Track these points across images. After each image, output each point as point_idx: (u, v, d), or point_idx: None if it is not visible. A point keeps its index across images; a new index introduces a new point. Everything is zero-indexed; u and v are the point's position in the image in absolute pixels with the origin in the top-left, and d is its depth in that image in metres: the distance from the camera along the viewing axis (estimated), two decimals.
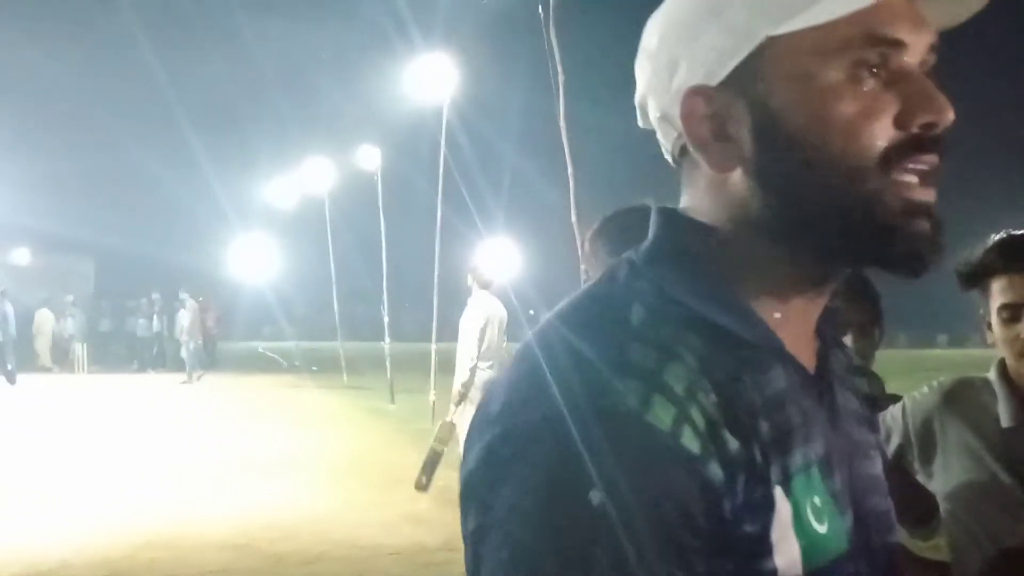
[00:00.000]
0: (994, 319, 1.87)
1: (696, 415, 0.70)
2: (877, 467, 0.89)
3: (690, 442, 0.68)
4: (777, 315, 0.80)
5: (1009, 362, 1.90)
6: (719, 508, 0.69)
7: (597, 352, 0.72)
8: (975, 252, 1.90)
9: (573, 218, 6.84)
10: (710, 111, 0.78)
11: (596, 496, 0.66)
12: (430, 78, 14.80)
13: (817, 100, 0.74)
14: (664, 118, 0.83)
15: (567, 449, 0.67)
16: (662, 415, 0.68)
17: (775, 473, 0.73)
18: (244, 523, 7.11)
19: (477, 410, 0.78)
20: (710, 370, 0.73)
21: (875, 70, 0.74)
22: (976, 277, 1.90)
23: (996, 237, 1.90)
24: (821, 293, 0.82)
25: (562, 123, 6.95)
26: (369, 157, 19.45)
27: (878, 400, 2.16)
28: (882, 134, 0.74)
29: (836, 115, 0.74)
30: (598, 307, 0.79)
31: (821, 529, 0.76)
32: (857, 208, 0.74)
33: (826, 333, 0.88)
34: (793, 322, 0.81)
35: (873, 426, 0.94)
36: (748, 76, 0.76)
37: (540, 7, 7.12)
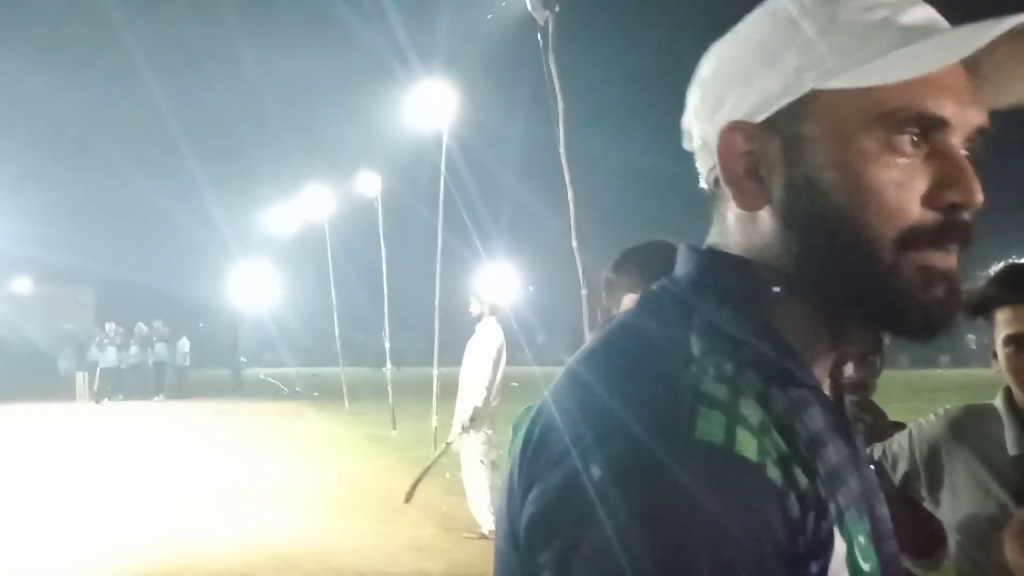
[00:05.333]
0: (1000, 349, 1.87)
1: (771, 448, 0.69)
2: (887, 510, 0.89)
3: (774, 474, 0.68)
4: (807, 353, 0.79)
5: (1015, 391, 1.90)
6: (796, 543, 0.68)
7: (670, 382, 0.71)
8: (979, 282, 1.90)
9: (574, 243, 6.82)
10: (747, 148, 0.79)
11: (696, 531, 0.64)
12: (430, 105, 14.88)
13: (850, 162, 0.74)
14: (704, 147, 0.83)
15: (661, 485, 0.65)
16: (748, 446, 0.68)
17: (832, 509, 0.73)
18: (247, 553, 7.06)
19: (534, 441, 0.75)
20: (770, 406, 0.72)
21: (915, 141, 0.74)
22: (980, 308, 1.90)
23: (1000, 267, 1.90)
24: (841, 339, 0.82)
25: (562, 150, 6.96)
26: (369, 183, 19.50)
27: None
28: (908, 209, 0.73)
29: (865, 181, 0.73)
30: (655, 337, 0.77)
31: (867, 567, 0.76)
32: (872, 277, 0.74)
33: (836, 375, 0.87)
34: (819, 362, 0.81)
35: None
36: (789, 122, 0.77)
37: (539, 35, 7.16)
